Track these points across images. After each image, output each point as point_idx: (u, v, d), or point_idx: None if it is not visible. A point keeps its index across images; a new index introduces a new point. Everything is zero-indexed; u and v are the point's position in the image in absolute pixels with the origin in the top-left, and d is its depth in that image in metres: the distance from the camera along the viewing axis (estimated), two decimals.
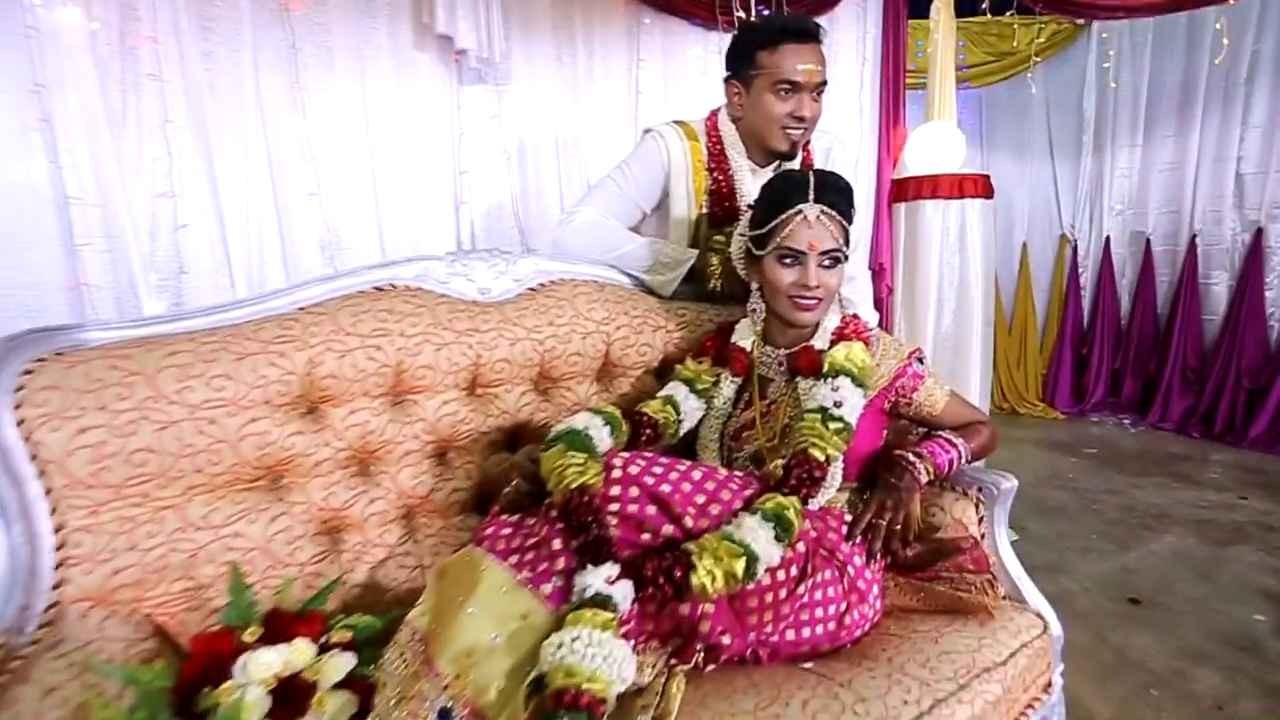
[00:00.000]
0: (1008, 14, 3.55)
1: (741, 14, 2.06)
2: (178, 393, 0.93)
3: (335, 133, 1.87)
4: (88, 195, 1.61)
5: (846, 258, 1.13)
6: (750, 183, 1.45)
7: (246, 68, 1.74)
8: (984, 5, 3.05)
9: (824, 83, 1.35)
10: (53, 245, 1.62)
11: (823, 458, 1.00)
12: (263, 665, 0.77)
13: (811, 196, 1.08)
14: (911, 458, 1.09)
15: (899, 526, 1.06)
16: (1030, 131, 4.62)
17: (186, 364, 0.95)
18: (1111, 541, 2.65)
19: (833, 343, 1.14)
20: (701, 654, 0.90)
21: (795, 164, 1.46)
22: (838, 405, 1.05)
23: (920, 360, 1.19)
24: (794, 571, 0.96)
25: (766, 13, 2.18)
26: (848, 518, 1.09)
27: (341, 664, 0.83)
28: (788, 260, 1.09)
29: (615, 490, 0.88)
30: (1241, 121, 3.72)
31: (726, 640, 0.90)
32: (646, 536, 0.87)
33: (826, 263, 1.09)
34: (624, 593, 0.81)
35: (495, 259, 1.25)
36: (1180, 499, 3.03)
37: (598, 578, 0.80)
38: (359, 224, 1.92)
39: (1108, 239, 4.35)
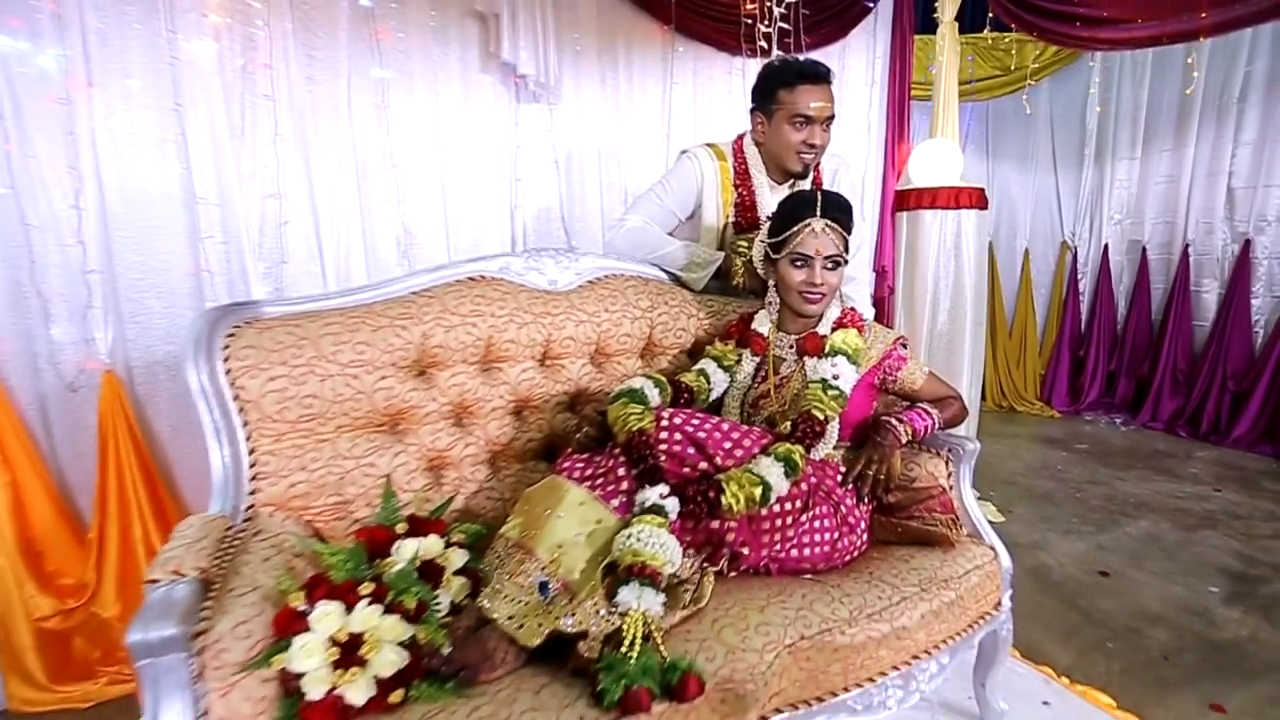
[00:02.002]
0: (1007, 38, 3.78)
1: (764, 44, 2.34)
2: (333, 354, 1.23)
3: (412, 145, 2.16)
4: (210, 196, 1.91)
5: (846, 261, 1.41)
6: (769, 198, 1.72)
7: (341, 90, 2.03)
8: (986, 30, 3.30)
9: (832, 116, 1.63)
10: (180, 238, 1.92)
11: (822, 417, 1.29)
12: (410, 548, 1.06)
13: (818, 212, 1.36)
14: (894, 422, 1.37)
15: (883, 476, 1.33)
16: (1035, 143, 4.81)
17: (337, 332, 1.25)
18: (1090, 525, 2.90)
19: (833, 329, 1.42)
20: (726, 560, 1.18)
21: (807, 183, 1.72)
22: (835, 378, 1.34)
23: (904, 345, 1.47)
24: (798, 504, 1.24)
25: (788, 41, 2.45)
26: (842, 469, 1.37)
27: (460, 556, 1.12)
28: (798, 263, 1.37)
29: (664, 435, 1.16)
30: (1233, 139, 3.90)
31: (746, 551, 1.19)
32: (687, 470, 1.15)
33: (829, 265, 1.37)
34: (673, 505, 1.09)
35: (561, 256, 1.54)
36: (1159, 490, 3.28)
37: (653, 493, 1.09)
38: (429, 224, 2.21)
39: (1106, 247, 4.55)
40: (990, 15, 2.95)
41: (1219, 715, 1.71)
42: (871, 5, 2.77)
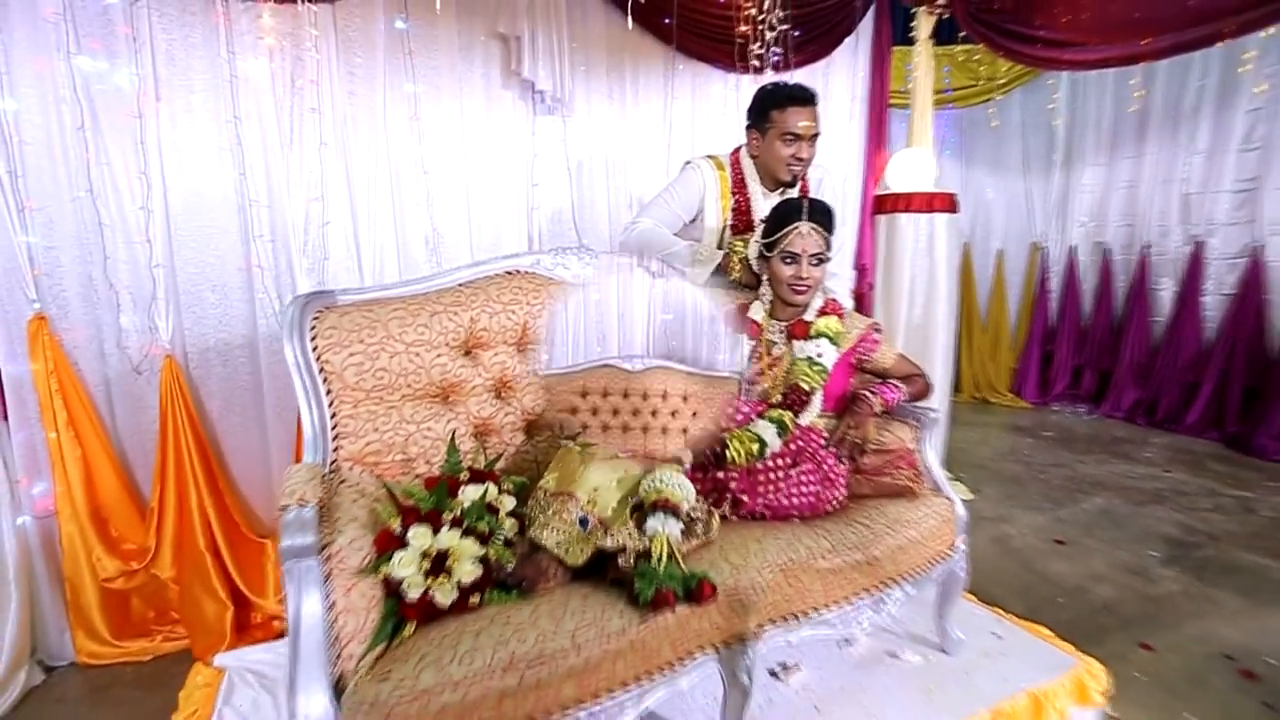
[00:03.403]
0: (978, 53, 4.06)
1: (756, 62, 2.59)
2: (399, 334, 1.45)
3: (440, 153, 2.39)
4: (261, 199, 2.13)
5: (829, 259, 1.66)
6: (762, 203, 1.96)
7: (378, 103, 2.26)
8: (959, 45, 3.57)
9: (818, 134, 1.88)
10: (234, 236, 2.13)
11: (808, 388, 1.54)
12: (476, 490, 1.29)
13: (805, 216, 1.61)
14: (869, 394, 1.62)
15: (859, 440, 1.59)
16: (1007, 149, 5.11)
17: (402, 316, 1.48)
18: (1051, 502, 3.19)
19: (818, 316, 1.67)
20: (729, 505, 1.43)
21: (795, 191, 1.97)
22: (819, 356, 1.59)
23: (878, 330, 1.72)
24: (788, 460, 1.49)
25: (778, 60, 2.71)
26: (825, 434, 1.62)
27: (511, 501, 1.36)
28: (788, 260, 1.62)
29: None
30: (1187, 148, 4.21)
31: (745, 498, 1.44)
32: None
33: (814, 262, 1.62)
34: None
35: (584, 254, 1.78)
36: (1114, 471, 3.58)
37: None
38: (455, 224, 2.44)
39: (1073, 248, 4.85)
40: (962, 33, 3.22)
41: (1147, 653, 1.98)
42: (854, 25, 3.04)
